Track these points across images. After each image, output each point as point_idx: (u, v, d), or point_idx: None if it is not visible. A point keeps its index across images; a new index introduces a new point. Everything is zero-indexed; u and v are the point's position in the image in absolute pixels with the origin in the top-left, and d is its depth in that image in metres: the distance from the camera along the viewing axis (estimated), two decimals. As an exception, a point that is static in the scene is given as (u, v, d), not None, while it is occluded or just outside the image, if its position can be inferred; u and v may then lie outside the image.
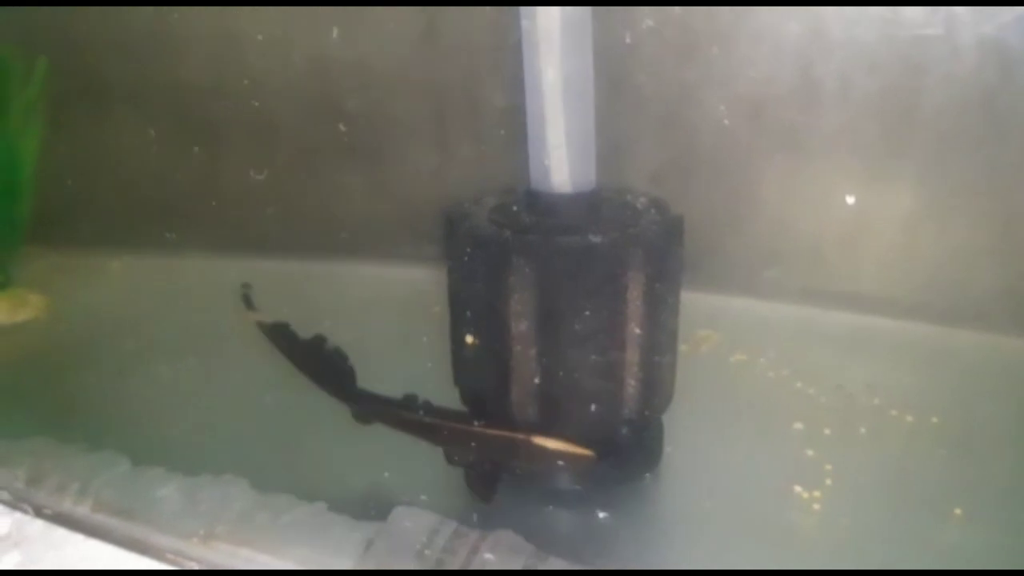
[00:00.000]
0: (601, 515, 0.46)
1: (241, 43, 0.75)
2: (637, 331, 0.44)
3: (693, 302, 0.49)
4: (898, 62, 0.60)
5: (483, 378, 0.46)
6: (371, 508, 0.45)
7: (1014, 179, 0.61)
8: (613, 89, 0.65)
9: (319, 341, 0.51)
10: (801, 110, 0.64)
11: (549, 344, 0.43)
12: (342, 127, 0.74)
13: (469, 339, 0.46)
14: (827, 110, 0.64)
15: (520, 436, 0.43)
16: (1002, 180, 0.61)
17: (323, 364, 0.51)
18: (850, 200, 0.64)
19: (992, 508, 0.45)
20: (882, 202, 0.65)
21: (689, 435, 0.51)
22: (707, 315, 0.64)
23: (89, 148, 0.80)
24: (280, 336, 0.52)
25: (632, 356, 0.44)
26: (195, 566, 0.42)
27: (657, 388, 0.46)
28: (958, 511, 0.45)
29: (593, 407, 0.44)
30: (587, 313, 0.42)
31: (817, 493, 0.47)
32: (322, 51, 0.74)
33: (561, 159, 0.43)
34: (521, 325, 0.43)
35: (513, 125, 0.45)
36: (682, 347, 0.48)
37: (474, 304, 0.45)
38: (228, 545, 0.44)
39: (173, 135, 0.79)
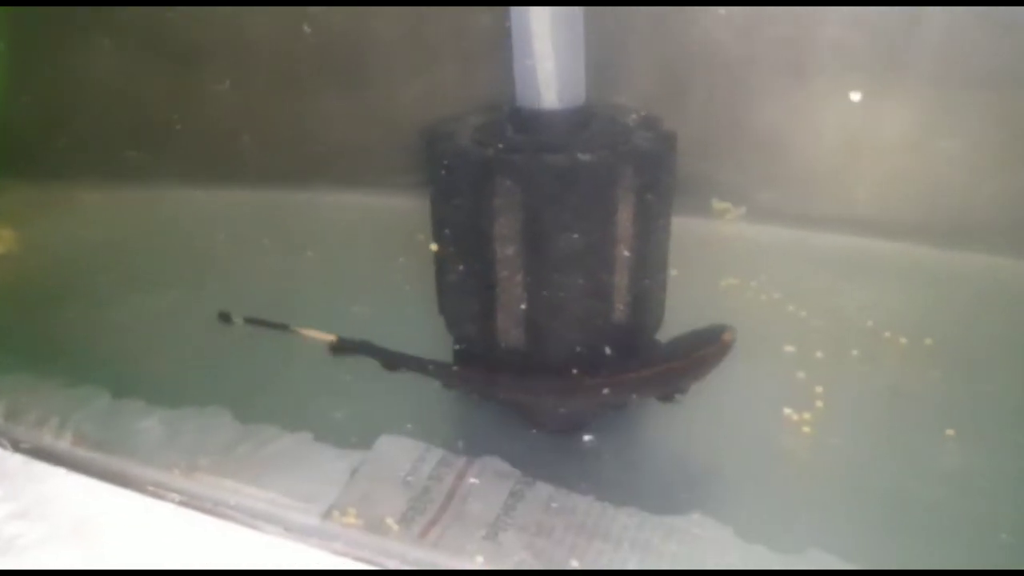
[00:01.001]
0: (586, 438, 0.45)
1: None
2: (627, 252, 0.42)
3: (684, 226, 0.48)
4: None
5: (468, 305, 0.45)
6: (356, 438, 0.45)
7: (1016, 97, 0.59)
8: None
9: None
10: (796, 26, 0.62)
11: (536, 268, 0.42)
12: (311, 35, 0.71)
13: (455, 265, 0.44)
14: (823, 26, 0.61)
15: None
16: (1004, 99, 0.59)
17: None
18: (855, 97, 0.62)
19: (984, 429, 0.45)
20: (880, 121, 0.63)
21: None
22: (698, 239, 0.63)
23: (60, 75, 0.77)
24: (364, 349, 0.50)
25: (621, 278, 0.43)
26: (177, 498, 0.41)
27: (647, 311, 0.45)
28: (950, 432, 0.45)
29: (581, 332, 0.43)
30: (575, 235, 0.41)
31: (807, 415, 0.46)
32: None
33: (549, 72, 0.41)
34: (507, 248, 0.42)
35: (503, 39, 0.42)
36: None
37: (458, 228, 0.43)
38: (210, 476, 0.43)
39: (148, 61, 0.75)
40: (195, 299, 0.62)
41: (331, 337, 0.50)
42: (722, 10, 0.63)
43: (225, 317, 0.55)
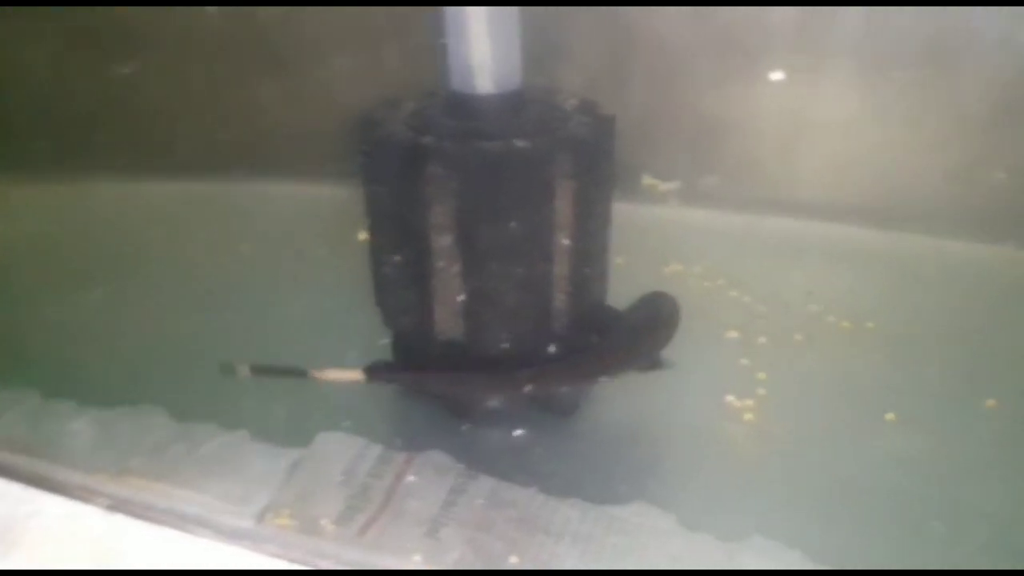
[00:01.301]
0: (517, 432, 0.45)
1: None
2: (566, 240, 0.42)
3: (628, 212, 0.47)
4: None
5: (404, 297, 0.43)
6: (294, 435, 0.44)
7: (957, 78, 0.60)
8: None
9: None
10: (737, 11, 0.61)
11: (472, 257, 0.41)
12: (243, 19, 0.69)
13: (390, 256, 0.43)
14: (764, 10, 0.61)
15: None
16: (945, 79, 0.60)
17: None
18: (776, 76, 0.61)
19: (924, 412, 0.45)
20: (820, 104, 0.63)
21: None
22: (641, 226, 0.62)
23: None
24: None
25: (561, 268, 0.42)
26: (106, 502, 0.40)
27: (589, 299, 0.44)
28: (890, 416, 0.45)
29: (520, 323, 0.42)
30: (512, 223, 0.40)
31: (750, 402, 0.46)
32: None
33: (483, 56, 0.40)
34: (442, 238, 0.40)
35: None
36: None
37: (391, 218, 0.42)
38: (141, 480, 0.41)
39: (74, 51, 0.72)
40: (127, 296, 0.60)
41: (357, 375, 0.45)
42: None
43: (227, 368, 0.46)
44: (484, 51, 0.39)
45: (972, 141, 0.61)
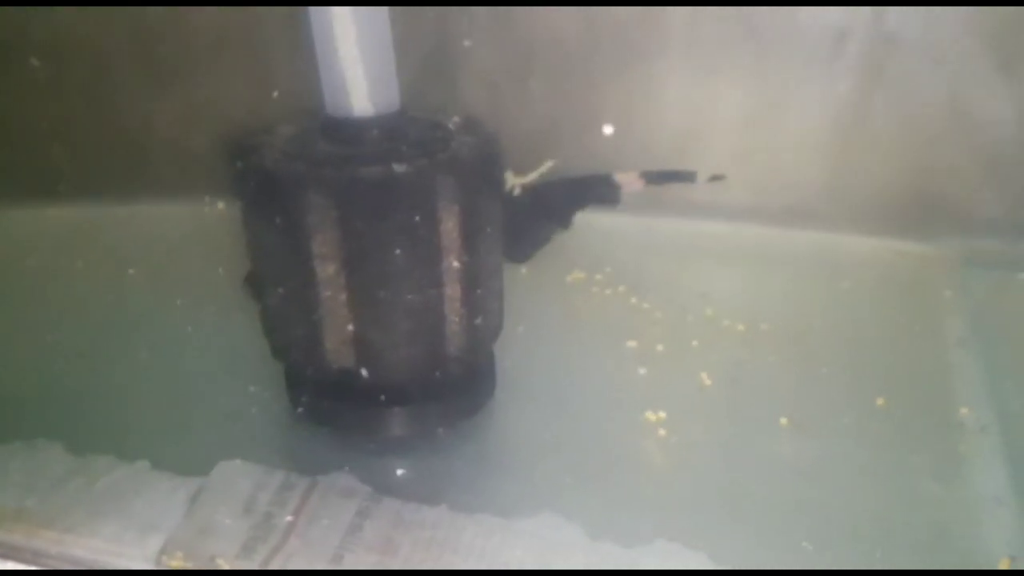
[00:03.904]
0: (430, 457, 0.44)
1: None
2: (455, 264, 0.41)
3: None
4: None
5: (293, 327, 0.42)
6: (194, 466, 0.43)
7: (842, 73, 0.61)
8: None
9: None
10: (634, 9, 0.61)
11: (360, 286, 0.39)
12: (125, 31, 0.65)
13: (275, 288, 0.42)
14: (662, 9, 0.61)
15: None
16: (831, 74, 0.61)
17: None
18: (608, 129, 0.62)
19: (816, 415, 0.46)
20: (715, 103, 0.64)
21: (523, 363, 0.50)
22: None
23: None
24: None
25: (452, 291, 0.41)
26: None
27: (483, 322, 0.44)
28: (784, 420, 0.46)
29: (415, 348, 0.41)
30: (397, 250, 0.39)
31: (651, 414, 0.46)
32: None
33: (358, 78, 0.39)
34: (327, 268, 0.39)
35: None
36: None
37: (273, 249, 0.40)
38: (30, 527, 0.40)
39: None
40: (12, 327, 0.57)
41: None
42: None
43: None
44: (358, 72, 0.38)
45: (856, 133, 0.63)
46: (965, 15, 0.57)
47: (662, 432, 0.45)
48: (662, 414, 0.46)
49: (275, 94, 0.61)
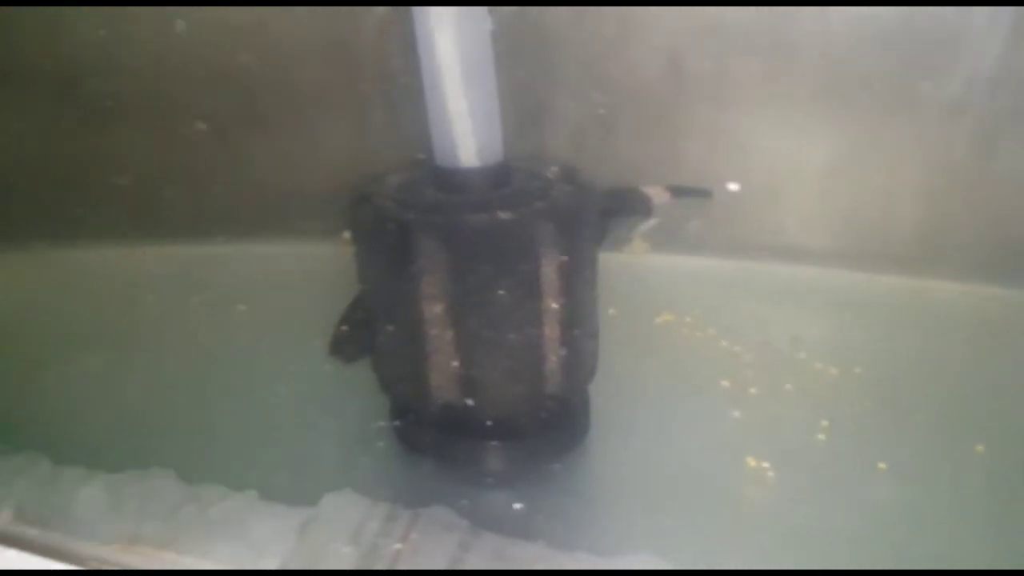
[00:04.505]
0: (520, 502, 0.45)
1: (129, 14, 0.70)
2: (555, 306, 0.42)
3: (619, 261, 0.48)
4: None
5: (400, 363, 0.44)
6: (301, 495, 0.44)
7: (929, 119, 0.61)
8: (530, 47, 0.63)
9: None
10: (719, 59, 0.63)
11: (465, 326, 0.41)
12: (233, 81, 0.70)
13: (385, 325, 0.44)
14: (745, 57, 0.62)
15: None
16: (918, 122, 0.61)
17: None
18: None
19: (914, 460, 0.46)
20: (803, 150, 0.64)
21: (615, 403, 0.50)
22: (634, 275, 0.63)
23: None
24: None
25: (551, 331, 0.43)
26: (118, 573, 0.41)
27: (579, 361, 0.45)
28: (882, 465, 0.45)
29: (515, 386, 0.43)
30: (501, 292, 0.41)
31: (747, 457, 0.47)
32: (219, 15, 0.69)
33: (465, 132, 0.41)
34: (434, 308, 0.41)
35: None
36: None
37: (385, 288, 0.43)
38: (151, 549, 0.42)
39: (63, 118, 0.73)
40: (127, 359, 0.60)
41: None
42: (647, 46, 0.63)
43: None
44: (466, 128, 0.41)
45: (946, 180, 0.62)
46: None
47: (757, 474, 0.46)
48: (758, 456, 0.47)
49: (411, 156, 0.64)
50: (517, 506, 0.44)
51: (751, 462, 0.46)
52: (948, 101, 0.60)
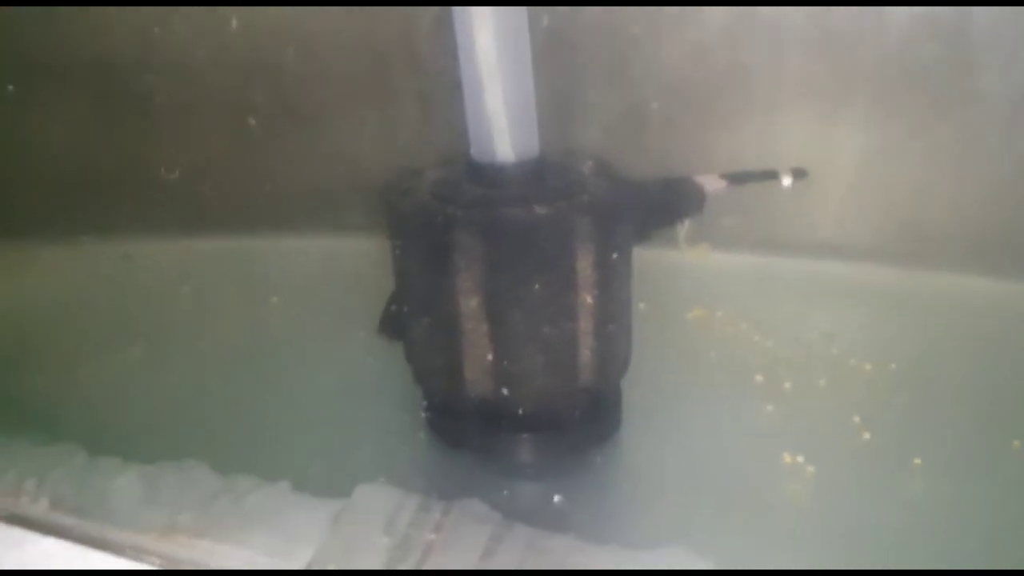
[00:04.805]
0: (558, 494, 0.45)
1: (165, 11, 0.71)
2: (589, 300, 0.43)
3: (652, 256, 0.48)
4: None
5: (435, 355, 0.45)
6: (334, 486, 0.44)
7: (967, 113, 0.60)
8: (558, 43, 0.63)
9: None
10: (752, 53, 0.63)
11: (500, 319, 0.42)
12: (264, 76, 0.70)
13: (420, 319, 0.44)
14: (778, 52, 0.62)
15: None
16: (955, 115, 0.61)
17: None
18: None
19: (951, 456, 0.46)
20: (835, 144, 0.64)
21: (647, 397, 0.51)
22: (665, 270, 0.63)
23: (7, 130, 0.76)
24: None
25: (586, 325, 0.43)
26: (156, 561, 0.41)
27: (613, 355, 0.46)
28: (917, 461, 0.45)
29: (548, 378, 0.44)
30: (537, 285, 0.41)
31: (781, 451, 0.47)
32: (251, 12, 0.70)
33: (502, 127, 0.41)
34: (470, 302, 0.42)
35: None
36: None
37: (421, 282, 0.43)
38: (187, 537, 0.42)
39: (98, 113, 0.75)
40: (163, 353, 0.61)
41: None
42: (679, 40, 0.63)
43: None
44: (502, 123, 0.41)
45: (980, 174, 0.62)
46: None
47: (792, 469, 0.46)
48: (793, 451, 0.46)
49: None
50: (557, 498, 0.45)
51: (783, 456, 0.46)
52: (992, 99, 0.59)
